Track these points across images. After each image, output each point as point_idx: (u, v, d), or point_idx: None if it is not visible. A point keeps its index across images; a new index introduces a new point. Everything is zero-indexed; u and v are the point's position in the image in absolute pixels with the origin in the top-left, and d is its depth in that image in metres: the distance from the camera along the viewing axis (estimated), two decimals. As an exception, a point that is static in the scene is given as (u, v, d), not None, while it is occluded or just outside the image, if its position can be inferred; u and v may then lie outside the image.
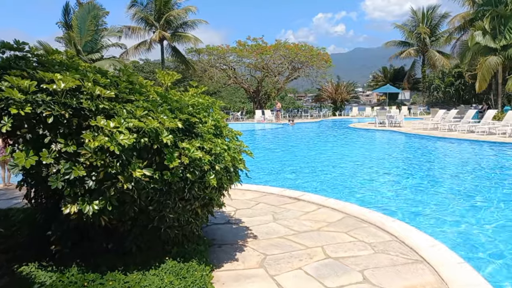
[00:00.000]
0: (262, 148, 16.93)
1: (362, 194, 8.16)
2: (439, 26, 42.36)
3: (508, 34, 21.30)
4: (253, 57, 36.25)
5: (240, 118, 36.72)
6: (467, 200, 7.59)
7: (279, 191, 7.65)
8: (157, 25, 33.56)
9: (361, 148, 16.27)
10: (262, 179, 9.65)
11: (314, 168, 11.12)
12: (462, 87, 40.71)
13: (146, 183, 3.49)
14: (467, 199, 7.62)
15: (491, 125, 17.13)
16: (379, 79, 50.84)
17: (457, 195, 7.94)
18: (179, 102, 4.09)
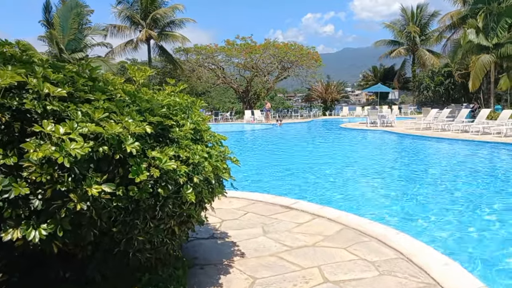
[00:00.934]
0: (250, 150, 16.36)
1: (358, 201, 7.61)
2: (429, 25, 42.29)
3: (500, 32, 21.03)
4: (242, 56, 35.67)
5: (230, 118, 36.11)
6: (472, 207, 7.07)
7: (269, 198, 7.04)
8: (143, 24, 32.76)
9: (354, 149, 15.81)
10: (250, 185, 9.04)
11: (306, 172, 10.55)
12: (451, 86, 40.64)
13: (107, 201, 2.85)
14: (473, 207, 7.10)
15: (485, 125, 16.77)
16: (369, 79, 50.63)
17: (461, 201, 7.41)
18: (150, 102, 3.45)
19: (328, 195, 8.06)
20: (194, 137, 3.79)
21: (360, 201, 7.54)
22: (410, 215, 6.64)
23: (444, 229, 5.88)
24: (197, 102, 4.21)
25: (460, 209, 6.90)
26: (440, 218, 6.40)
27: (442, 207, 7.00)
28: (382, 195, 7.92)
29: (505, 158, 12.19)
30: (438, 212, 6.73)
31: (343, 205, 7.20)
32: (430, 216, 6.50)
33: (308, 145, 17.43)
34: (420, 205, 7.24)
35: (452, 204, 7.23)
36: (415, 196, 7.81)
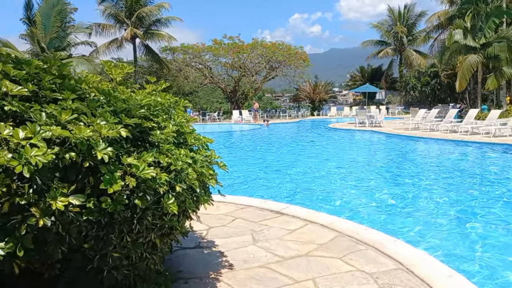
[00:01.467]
0: (238, 152, 16.01)
1: (351, 204, 7.35)
2: (416, 25, 42.53)
3: (488, 32, 21.10)
4: (230, 56, 35.31)
5: (217, 118, 35.72)
6: (472, 212, 6.87)
7: (258, 203, 6.72)
8: (128, 22, 32.13)
9: (343, 150, 15.60)
10: (238, 189, 8.71)
11: (296, 174, 10.25)
12: (438, 86, 40.95)
13: (76, 215, 2.50)
14: (472, 211, 6.89)
15: (474, 125, 16.74)
16: (357, 79, 50.74)
17: (459, 206, 7.20)
18: (127, 102, 3.09)
19: (320, 198, 7.78)
20: (177, 141, 3.45)
21: (353, 205, 7.27)
22: (407, 220, 6.40)
23: (443, 236, 5.64)
24: (181, 102, 3.86)
25: (459, 215, 6.68)
26: (439, 224, 6.17)
27: (440, 212, 6.77)
28: (375, 199, 7.66)
29: (498, 158, 12.08)
30: (436, 217, 6.50)
31: (336, 209, 6.93)
32: (428, 222, 6.26)
33: (297, 146, 17.06)
34: (416, 209, 7.00)
35: (450, 208, 7.01)
36: (411, 200, 7.58)
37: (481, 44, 21.35)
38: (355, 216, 6.48)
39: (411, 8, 42.21)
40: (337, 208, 7.01)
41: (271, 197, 7.84)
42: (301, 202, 7.36)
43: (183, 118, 3.73)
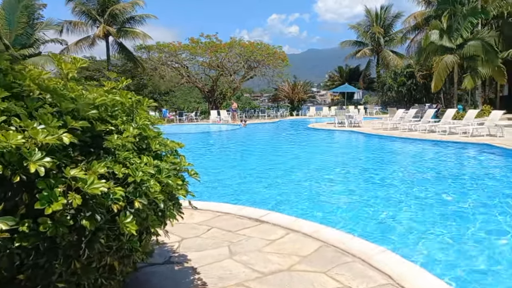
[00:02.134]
0: (214, 154, 15.46)
1: (333, 209, 6.99)
2: (393, 26, 43.01)
3: (464, 32, 21.30)
4: (207, 55, 34.73)
5: (195, 119, 35.05)
6: (462, 217, 6.61)
7: (236, 209, 6.28)
8: (100, 20, 31.09)
9: (324, 151, 15.27)
10: (213, 194, 8.24)
11: (275, 177, 9.79)
12: (413, 86, 41.51)
13: (5, 241, 2.01)
14: (463, 216, 6.64)
15: (451, 125, 16.79)
16: (335, 79, 50.96)
17: (447, 211, 6.93)
18: (76, 102, 2.60)
19: (301, 203, 7.38)
20: (139, 146, 2.98)
21: (337, 210, 6.91)
22: (393, 227, 6.09)
23: (434, 246, 5.32)
24: (144, 101, 3.38)
25: (450, 222, 6.41)
26: (427, 231, 5.87)
27: (427, 217, 6.49)
28: (359, 203, 7.34)
29: (478, 158, 12.02)
30: (424, 223, 6.21)
31: (318, 215, 6.55)
32: (415, 228, 5.96)
33: (276, 148, 16.63)
34: (403, 214, 6.71)
35: (437, 214, 6.74)
36: (395, 204, 7.29)
37: (457, 44, 21.56)
38: (339, 223, 6.12)
39: (388, 9, 42.68)
40: (320, 214, 6.64)
41: (250, 202, 7.42)
42: (282, 208, 6.97)
43: (146, 119, 3.25)
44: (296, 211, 6.85)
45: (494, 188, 8.08)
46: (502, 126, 14.96)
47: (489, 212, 6.58)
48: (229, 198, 7.88)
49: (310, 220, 5.79)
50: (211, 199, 7.72)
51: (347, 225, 6.04)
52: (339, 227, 5.74)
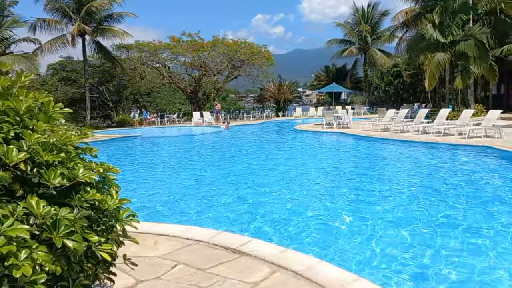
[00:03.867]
0: (190, 162, 13.52)
1: (327, 232, 5.88)
2: (380, 24, 42.38)
3: (455, 29, 20.54)
4: (189, 54, 33.42)
5: (177, 121, 33.73)
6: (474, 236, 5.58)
7: (209, 235, 5.11)
8: (75, 18, 29.49)
9: (312, 156, 13.93)
10: (185, 212, 7.02)
11: (257, 190, 8.39)
12: (400, 86, 40.98)
13: None
14: (465, 232, 5.61)
15: (446, 125, 15.92)
16: (322, 78, 50.13)
17: (453, 228, 5.91)
18: None
19: (288, 224, 6.21)
20: (25, 179, 1.81)
21: (332, 233, 5.78)
22: (414, 261, 5.00)
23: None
24: (50, 106, 2.20)
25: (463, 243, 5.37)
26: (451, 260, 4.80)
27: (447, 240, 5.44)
28: (360, 222, 6.23)
29: (480, 162, 11.09)
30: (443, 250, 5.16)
31: (310, 240, 5.43)
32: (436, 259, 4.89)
33: (261, 153, 15.02)
34: (420, 237, 5.64)
35: (452, 229, 5.70)
36: (409, 223, 6.22)
37: (449, 41, 20.79)
38: (338, 253, 5.01)
39: (375, 7, 42.03)
40: (312, 239, 5.51)
41: (227, 221, 6.27)
42: (265, 230, 5.82)
43: (55, 133, 2.08)
44: (283, 232, 5.72)
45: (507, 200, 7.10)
46: (500, 126, 14.14)
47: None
48: (201, 216, 6.70)
49: (300, 250, 4.68)
50: (182, 217, 6.57)
51: (346, 257, 4.90)
52: (338, 259, 4.64)
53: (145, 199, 7.92)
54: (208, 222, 6.32)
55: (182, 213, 6.90)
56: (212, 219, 6.49)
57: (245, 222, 6.35)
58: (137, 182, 9.67)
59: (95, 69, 37.30)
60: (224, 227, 5.92)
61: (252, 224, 6.23)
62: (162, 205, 7.39)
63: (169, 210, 7.11)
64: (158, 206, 7.42)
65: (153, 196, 8.23)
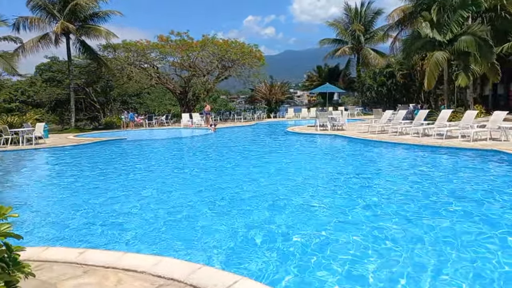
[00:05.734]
0: (173, 171, 11.64)
1: (336, 260, 4.88)
2: (374, 23, 41.66)
3: (454, 27, 19.71)
4: (178, 54, 32.30)
5: (165, 122, 32.60)
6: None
7: (187, 271, 4.07)
8: (58, 16, 28.22)
9: (308, 163, 12.26)
10: (162, 236, 5.91)
11: (246, 208, 6.99)
12: (393, 86, 40.34)
13: None
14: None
15: (448, 127, 15.06)
16: (314, 79, 49.20)
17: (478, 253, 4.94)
18: None
19: (286, 251, 5.16)
20: None
21: (338, 269, 4.76)
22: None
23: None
24: None
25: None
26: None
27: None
28: (373, 246, 5.24)
29: (492, 170, 10.15)
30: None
31: (313, 277, 4.40)
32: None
33: (251, 159, 13.38)
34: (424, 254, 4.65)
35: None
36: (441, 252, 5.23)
37: (447, 39, 19.97)
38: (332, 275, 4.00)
39: (368, 6, 41.29)
40: (317, 275, 4.49)
41: (209, 250, 5.20)
42: (257, 263, 4.78)
43: None
44: (279, 265, 4.71)
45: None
46: (507, 128, 13.31)
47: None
48: (182, 240, 5.64)
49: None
50: (157, 241, 5.49)
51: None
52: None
53: (101, 217, 6.82)
54: (178, 248, 5.28)
55: (137, 238, 5.82)
56: (184, 245, 5.45)
57: (238, 242, 5.32)
58: (100, 195, 8.56)
59: (81, 70, 36.01)
60: (201, 258, 4.90)
61: (249, 246, 5.20)
62: (130, 232, 6.14)
63: (151, 231, 6.05)
64: (112, 226, 6.32)
65: (110, 215, 7.03)
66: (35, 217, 6.98)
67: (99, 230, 6.16)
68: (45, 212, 7.29)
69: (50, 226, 6.46)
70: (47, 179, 11.44)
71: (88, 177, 10.79)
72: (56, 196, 8.85)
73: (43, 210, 7.47)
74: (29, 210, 7.48)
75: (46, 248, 4.97)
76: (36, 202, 8.23)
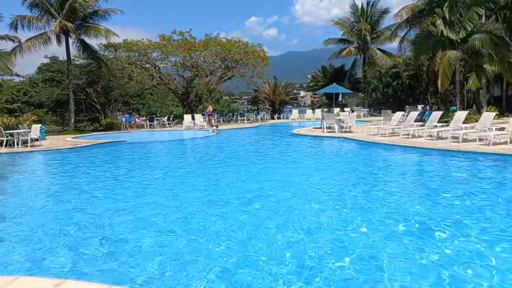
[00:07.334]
0: (170, 183, 10.14)
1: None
2: (380, 22, 40.85)
3: (468, 24, 18.86)
4: (180, 53, 31.59)
5: (167, 124, 31.89)
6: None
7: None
8: (56, 14, 27.56)
9: (317, 169, 10.91)
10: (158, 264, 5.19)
11: (252, 229, 5.87)
12: (399, 87, 39.56)
13: None
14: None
15: (465, 130, 14.23)
16: (319, 79, 48.40)
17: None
18: None
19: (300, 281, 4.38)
20: None
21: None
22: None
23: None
24: None
25: None
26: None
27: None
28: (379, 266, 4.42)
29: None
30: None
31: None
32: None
33: (255, 166, 11.96)
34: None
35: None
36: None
37: (460, 38, 19.14)
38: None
39: (375, 5, 40.48)
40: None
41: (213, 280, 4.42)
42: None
43: None
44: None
45: None
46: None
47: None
48: (183, 274, 4.87)
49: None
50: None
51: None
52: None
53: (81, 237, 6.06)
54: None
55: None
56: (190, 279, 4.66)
57: (240, 273, 4.53)
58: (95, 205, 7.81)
59: (81, 70, 35.35)
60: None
61: (253, 274, 4.41)
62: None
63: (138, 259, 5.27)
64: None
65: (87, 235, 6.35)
66: (9, 235, 6.13)
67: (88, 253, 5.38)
68: (20, 229, 6.46)
69: (29, 247, 5.65)
70: (33, 186, 10.57)
71: (81, 184, 10.02)
72: (40, 207, 8.01)
73: (19, 227, 6.66)
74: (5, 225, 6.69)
75: (17, 277, 4.20)
76: (14, 215, 7.40)
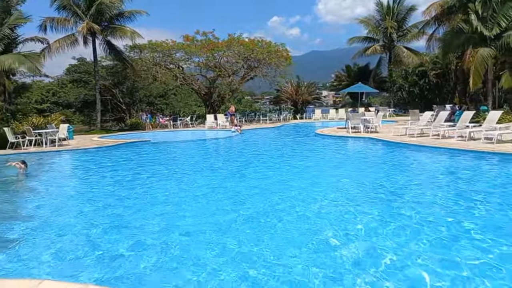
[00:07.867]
0: (194, 185, 9.57)
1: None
2: (407, 19, 39.89)
3: (502, 20, 18.07)
4: (203, 54, 31.68)
5: (190, 124, 32.03)
6: None
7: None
8: (83, 16, 28.08)
9: (345, 172, 10.33)
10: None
11: (279, 235, 5.54)
12: (426, 86, 38.52)
13: None
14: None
15: (500, 131, 13.61)
16: (343, 79, 47.68)
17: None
18: None
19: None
20: None
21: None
22: None
23: None
24: None
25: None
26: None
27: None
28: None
29: None
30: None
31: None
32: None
33: (278, 168, 11.35)
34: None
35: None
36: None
37: (494, 35, 18.35)
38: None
39: (401, 2, 39.53)
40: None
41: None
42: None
43: None
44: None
45: None
46: None
47: None
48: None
49: None
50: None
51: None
52: None
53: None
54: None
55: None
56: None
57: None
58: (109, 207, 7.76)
59: (107, 71, 35.97)
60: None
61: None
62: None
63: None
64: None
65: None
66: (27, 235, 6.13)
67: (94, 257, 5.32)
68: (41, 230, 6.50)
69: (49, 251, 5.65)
70: (58, 185, 10.69)
71: (105, 183, 10.08)
72: (62, 206, 8.04)
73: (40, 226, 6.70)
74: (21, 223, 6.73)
75: (41, 281, 4.14)
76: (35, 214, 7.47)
